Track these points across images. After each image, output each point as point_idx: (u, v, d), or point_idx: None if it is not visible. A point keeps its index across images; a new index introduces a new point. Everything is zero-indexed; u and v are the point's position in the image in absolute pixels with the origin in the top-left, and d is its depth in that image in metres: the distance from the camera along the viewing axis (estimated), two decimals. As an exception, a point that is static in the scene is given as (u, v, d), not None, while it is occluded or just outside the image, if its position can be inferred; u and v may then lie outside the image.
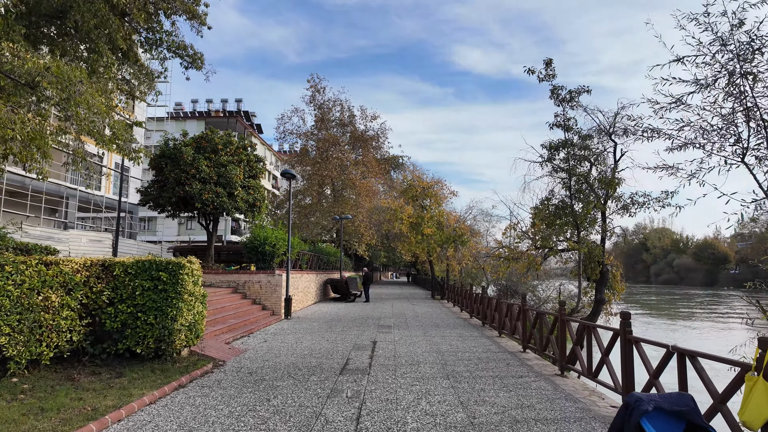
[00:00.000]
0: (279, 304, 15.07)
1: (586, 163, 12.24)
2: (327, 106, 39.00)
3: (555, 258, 17.41)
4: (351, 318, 15.95)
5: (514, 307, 11.62)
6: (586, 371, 7.15)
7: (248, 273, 15.28)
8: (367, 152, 38.69)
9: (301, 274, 19.46)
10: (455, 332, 12.85)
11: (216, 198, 16.64)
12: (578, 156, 12.15)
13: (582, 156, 12.06)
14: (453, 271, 26.97)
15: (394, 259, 52.27)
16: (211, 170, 16.94)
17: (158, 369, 7.12)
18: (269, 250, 15.29)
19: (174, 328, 7.36)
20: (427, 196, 25.53)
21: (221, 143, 17.66)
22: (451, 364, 8.42)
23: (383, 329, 13.13)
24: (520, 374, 7.86)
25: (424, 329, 13.33)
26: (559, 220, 12.59)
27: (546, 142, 12.74)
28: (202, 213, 17.56)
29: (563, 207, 12.52)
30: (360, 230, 35.06)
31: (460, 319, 16.28)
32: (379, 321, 15.14)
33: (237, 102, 70.34)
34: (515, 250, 17.39)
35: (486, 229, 30.76)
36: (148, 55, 12.40)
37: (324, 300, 24.19)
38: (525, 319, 10.45)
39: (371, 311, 18.58)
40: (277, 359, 8.63)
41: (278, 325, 13.51)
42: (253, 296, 15.15)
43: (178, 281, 7.48)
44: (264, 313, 14.41)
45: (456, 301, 21.89)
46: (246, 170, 18.45)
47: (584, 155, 12.02)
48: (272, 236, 15.85)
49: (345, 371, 7.69)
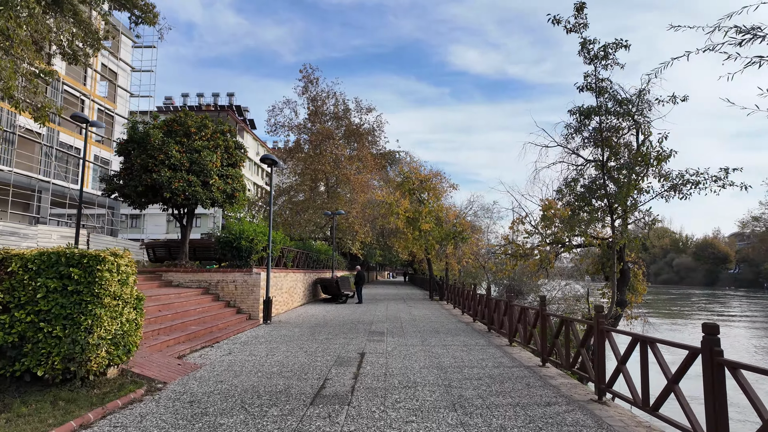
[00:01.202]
0: (257, 306, 13.20)
1: (625, 135, 10.19)
2: (320, 98, 37.22)
3: (569, 255, 15.62)
4: (339, 322, 14.11)
5: (529, 312, 9.80)
6: (640, 401, 5.33)
7: (222, 271, 13.41)
8: (363, 147, 36.95)
9: (286, 273, 17.60)
10: (458, 340, 11.02)
11: (188, 187, 14.73)
12: (613, 127, 10.22)
13: (618, 126, 10.11)
14: (452, 270, 25.14)
15: (391, 257, 50.34)
16: (183, 156, 15.05)
17: (64, 399, 5.26)
18: (245, 246, 13.42)
19: (89, 343, 5.50)
20: (424, 189, 23.69)
21: (195, 126, 15.78)
22: (457, 386, 6.60)
23: (374, 336, 11.29)
24: (547, 401, 6.04)
25: (422, 336, 11.50)
26: (589, 207, 10.67)
27: (574, 108, 10.75)
28: (173, 204, 15.65)
29: (595, 189, 10.53)
30: (354, 227, 33.23)
31: (462, 324, 14.46)
32: (371, 326, 13.29)
33: (229, 96, 68.37)
34: (523, 246, 15.59)
35: (487, 225, 28.97)
36: (95, 12, 10.48)
37: (313, 301, 22.34)
38: (544, 326, 8.63)
39: (363, 314, 16.74)
40: (235, 380, 6.77)
41: (252, 332, 11.65)
42: (227, 298, 13.29)
43: (96, 280, 5.62)
44: (238, 318, 12.55)
45: (456, 303, 20.10)
46: (224, 157, 16.58)
47: (621, 124, 10.05)
48: (249, 230, 13.99)
49: (318, 399, 5.84)
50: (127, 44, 35.47)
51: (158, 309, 9.99)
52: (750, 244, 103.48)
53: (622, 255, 13.51)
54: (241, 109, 68.09)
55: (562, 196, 11.45)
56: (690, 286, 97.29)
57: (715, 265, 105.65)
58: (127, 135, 15.66)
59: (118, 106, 34.19)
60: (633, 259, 13.97)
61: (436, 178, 24.05)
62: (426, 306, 21.41)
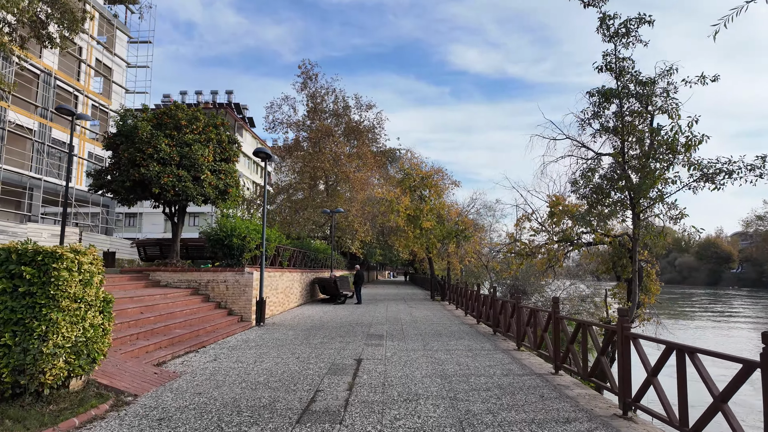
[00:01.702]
0: (249, 308, 12.50)
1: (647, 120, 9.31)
2: (319, 94, 36.55)
3: (577, 253, 14.90)
4: (336, 324, 13.41)
5: (539, 315, 9.09)
6: (677, 420, 4.61)
7: (212, 271, 12.70)
8: (363, 144, 36.30)
9: (282, 273, 16.90)
10: (462, 344, 10.31)
11: (178, 182, 14.04)
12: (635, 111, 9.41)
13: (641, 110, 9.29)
14: (454, 269, 24.41)
15: (391, 257, 49.58)
16: (173, 150, 14.36)
17: (11, 417, 4.55)
18: (237, 244, 12.71)
19: (42, 352, 4.80)
20: (426, 186, 22.95)
21: (186, 119, 15.08)
22: (464, 399, 5.89)
23: (373, 340, 10.59)
24: (565, 416, 5.34)
25: (424, 340, 10.79)
26: (608, 199, 9.89)
27: (593, 89, 9.93)
28: (163, 200, 14.95)
29: (615, 179, 9.71)
30: (354, 226, 32.52)
31: (465, 326, 13.76)
32: (369, 328, 12.59)
33: (228, 94, 67.69)
34: (529, 244, 14.88)
35: (490, 224, 28.22)
36: None
37: (311, 301, 21.64)
38: (557, 330, 7.92)
39: (361, 315, 16.03)
40: (215, 392, 6.07)
41: (243, 335, 10.95)
42: (218, 299, 12.59)
43: (52, 280, 4.92)
44: (228, 320, 11.85)
45: (459, 303, 19.39)
46: (217, 152, 15.88)
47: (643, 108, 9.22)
48: (242, 227, 13.29)
49: (306, 416, 5.13)
50: (122, 39, 34.80)
51: (140, 311, 9.29)
52: (753, 244, 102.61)
53: (634, 253, 12.80)
54: (240, 107, 67.39)
55: (576, 188, 10.67)
56: (693, 286, 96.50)
57: (718, 264, 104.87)
58: (115, 128, 14.97)
59: (113, 103, 33.46)
60: (645, 258, 13.25)
61: (437, 174, 23.32)
62: (427, 307, 20.72)
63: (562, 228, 13.48)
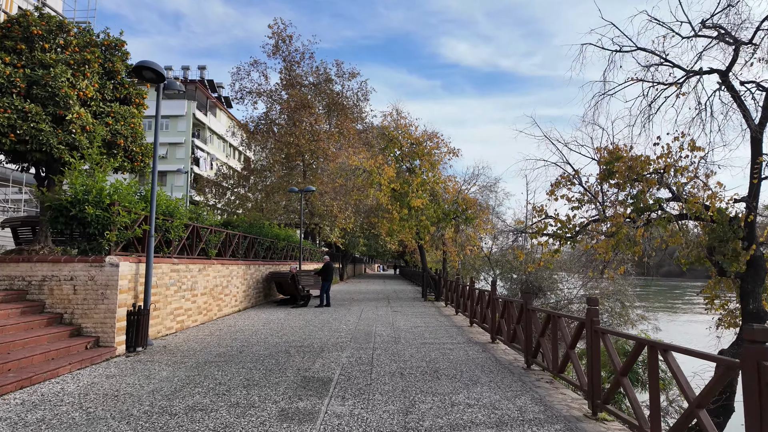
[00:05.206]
0: (111, 323, 7.37)
1: None
2: (294, 58, 31.39)
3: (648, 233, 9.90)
4: (266, 349, 8.33)
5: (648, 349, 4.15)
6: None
7: (50, 261, 7.55)
8: (345, 119, 31.39)
9: (207, 265, 11.80)
10: (482, 400, 5.32)
11: (22, 122, 8.86)
12: None
13: None
14: (452, 260, 19.45)
15: (377, 248, 44.33)
16: (18, 72, 9.19)
17: None
18: (93, 215, 7.47)
19: None
20: (416, 155, 17.83)
21: (44, 30, 9.87)
22: None
23: (304, 400, 5.55)
24: None
25: (406, 390, 5.77)
26: None
27: None
28: (11, 152, 9.71)
29: None
30: (333, 211, 27.41)
31: (474, 346, 8.78)
32: (315, 361, 7.47)
33: (200, 69, 61.71)
34: (569, 221, 9.88)
35: (492, 207, 23.17)
36: None
37: (263, 303, 16.55)
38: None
39: (318, 328, 10.98)
40: None
41: (81, 378, 5.84)
42: (60, 308, 7.45)
43: None
44: (70, 345, 6.73)
45: (460, 306, 14.43)
46: (107, 87, 10.70)
47: None
48: (109, 189, 8.12)
49: None
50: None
51: None
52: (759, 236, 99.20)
53: (753, 234, 7.97)
54: (214, 85, 61.56)
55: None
56: (694, 279, 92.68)
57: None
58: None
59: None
60: (765, 239, 8.35)
61: (431, 140, 18.21)
62: (417, 310, 15.71)
63: (630, 192, 8.52)
